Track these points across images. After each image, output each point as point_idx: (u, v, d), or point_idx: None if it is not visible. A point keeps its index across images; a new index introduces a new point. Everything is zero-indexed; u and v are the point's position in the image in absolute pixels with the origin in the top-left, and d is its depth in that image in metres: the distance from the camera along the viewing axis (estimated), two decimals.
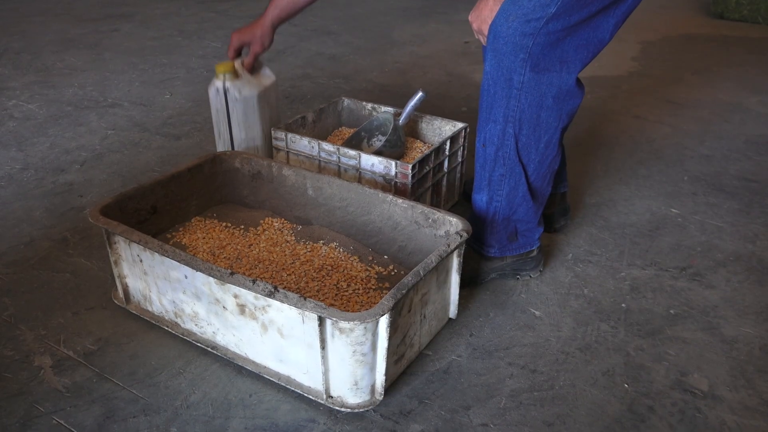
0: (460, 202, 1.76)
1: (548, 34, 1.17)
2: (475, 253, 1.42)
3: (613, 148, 2.15)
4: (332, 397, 1.10)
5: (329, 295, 1.29)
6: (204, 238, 1.46)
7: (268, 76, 1.72)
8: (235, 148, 1.69)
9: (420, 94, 1.66)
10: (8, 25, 3.48)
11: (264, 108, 1.70)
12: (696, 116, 2.43)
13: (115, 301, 1.32)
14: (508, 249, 1.41)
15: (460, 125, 1.67)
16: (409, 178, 1.46)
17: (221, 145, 1.73)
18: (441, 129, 1.75)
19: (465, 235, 1.21)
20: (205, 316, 1.18)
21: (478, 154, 1.34)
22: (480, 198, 1.36)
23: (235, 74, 1.64)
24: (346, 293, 1.30)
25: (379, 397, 1.10)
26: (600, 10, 1.18)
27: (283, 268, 1.36)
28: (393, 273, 1.37)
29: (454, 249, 1.18)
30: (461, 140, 1.66)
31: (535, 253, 1.44)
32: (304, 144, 1.60)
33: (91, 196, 1.76)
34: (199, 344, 1.21)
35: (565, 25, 1.16)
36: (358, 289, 1.31)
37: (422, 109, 1.93)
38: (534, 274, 1.46)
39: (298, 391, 1.12)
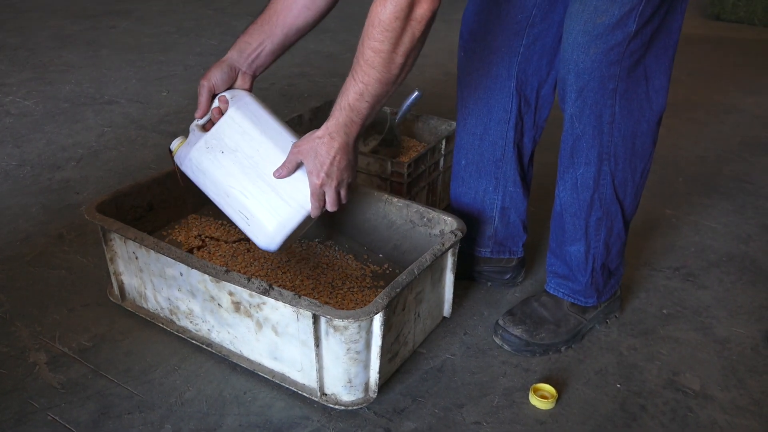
0: None
1: (631, 55, 1.06)
2: (574, 307, 1.28)
3: None
4: (326, 394, 1.10)
5: (324, 293, 1.29)
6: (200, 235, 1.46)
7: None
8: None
9: (416, 93, 1.67)
10: (5, 21, 3.47)
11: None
12: (691, 117, 2.44)
13: (111, 298, 1.33)
14: (604, 293, 1.29)
15: (456, 124, 1.67)
16: (405, 177, 1.47)
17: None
18: (437, 128, 1.75)
19: (459, 234, 1.21)
20: (200, 314, 1.18)
21: (565, 203, 1.21)
22: (576, 249, 1.23)
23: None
24: (341, 291, 1.30)
25: (372, 394, 1.10)
26: (668, 11, 1.07)
27: (278, 266, 1.37)
28: (388, 271, 1.38)
29: (449, 248, 1.19)
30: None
31: (619, 292, 1.35)
32: None
33: (87, 193, 1.76)
34: (194, 341, 1.21)
35: (644, 40, 1.06)
36: (353, 288, 1.32)
37: (418, 108, 1.94)
38: (618, 313, 1.35)
39: (293, 389, 1.12)
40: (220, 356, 1.20)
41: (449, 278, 1.26)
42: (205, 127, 1.22)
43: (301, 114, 1.74)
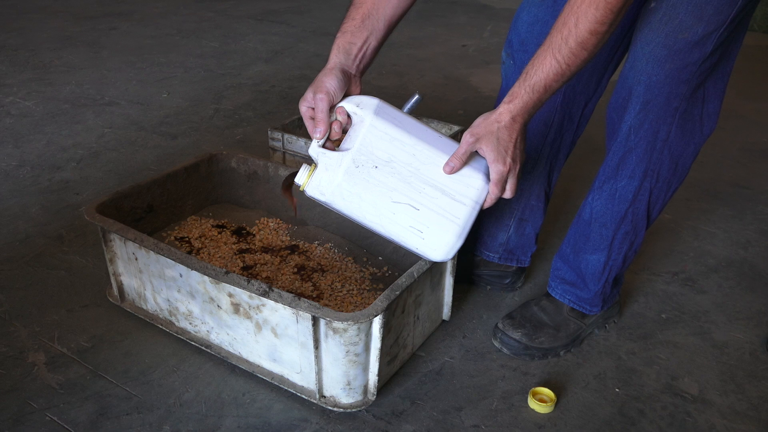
0: None
1: (699, 76, 1.04)
2: (574, 311, 1.28)
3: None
4: (325, 396, 1.10)
5: (323, 295, 1.29)
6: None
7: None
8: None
9: (416, 96, 1.66)
10: (6, 21, 3.48)
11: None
12: None
13: (110, 299, 1.33)
14: (608, 301, 1.30)
15: (456, 128, 1.68)
16: None
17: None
18: (437, 132, 1.75)
19: None
20: (199, 315, 1.18)
21: (597, 213, 1.19)
22: (596, 259, 1.22)
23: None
24: (341, 294, 1.30)
25: (371, 397, 1.10)
26: (734, 37, 1.06)
27: (278, 269, 1.37)
28: (387, 274, 1.38)
29: None
30: None
31: (618, 297, 1.35)
32: (300, 145, 1.61)
33: (87, 194, 1.76)
34: (193, 343, 1.21)
35: (713, 62, 1.04)
36: (353, 290, 1.32)
37: (419, 112, 1.94)
38: (617, 318, 1.36)
39: (291, 391, 1.12)
40: (219, 358, 1.20)
41: (448, 281, 1.26)
42: (326, 147, 1.05)
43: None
